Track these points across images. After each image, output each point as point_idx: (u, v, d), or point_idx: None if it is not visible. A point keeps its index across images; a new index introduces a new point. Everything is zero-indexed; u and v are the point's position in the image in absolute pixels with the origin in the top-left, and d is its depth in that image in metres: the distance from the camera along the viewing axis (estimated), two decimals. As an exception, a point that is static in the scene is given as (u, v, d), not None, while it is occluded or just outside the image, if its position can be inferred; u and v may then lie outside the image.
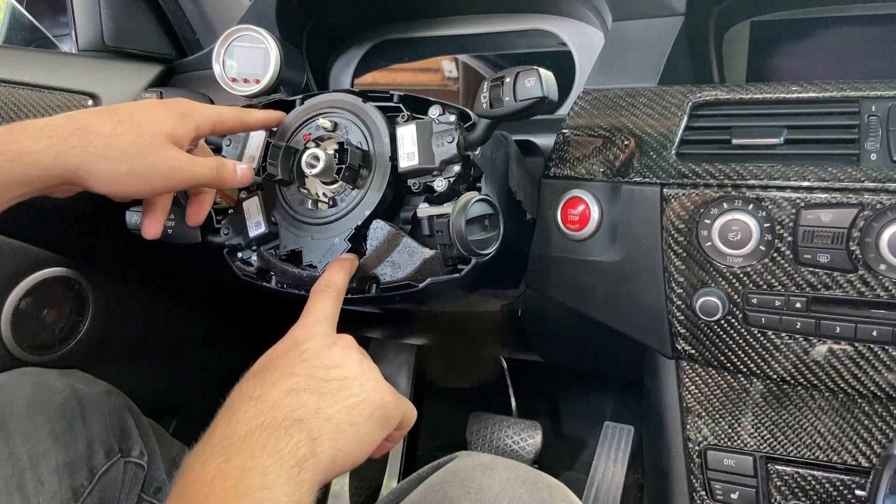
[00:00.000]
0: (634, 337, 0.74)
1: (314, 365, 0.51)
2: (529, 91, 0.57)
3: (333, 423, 0.47)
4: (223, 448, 0.44)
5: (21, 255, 0.92)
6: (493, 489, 0.58)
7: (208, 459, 0.43)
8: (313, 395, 0.48)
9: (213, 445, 0.44)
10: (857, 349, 0.63)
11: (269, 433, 0.44)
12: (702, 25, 0.85)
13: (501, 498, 0.57)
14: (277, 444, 0.44)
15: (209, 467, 0.42)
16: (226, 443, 0.44)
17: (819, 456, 0.69)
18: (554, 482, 0.62)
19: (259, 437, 0.44)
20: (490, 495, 0.57)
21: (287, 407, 0.47)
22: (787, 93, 0.66)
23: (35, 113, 0.92)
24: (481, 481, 0.59)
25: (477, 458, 0.63)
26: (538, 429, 1.26)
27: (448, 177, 0.63)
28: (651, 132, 0.69)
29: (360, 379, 0.51)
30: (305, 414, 0.46)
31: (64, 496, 0.69)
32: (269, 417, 0.45)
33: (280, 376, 0.49)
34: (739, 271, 0.65)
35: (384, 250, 0.64)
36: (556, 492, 0.61)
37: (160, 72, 1.09)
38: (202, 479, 0.42)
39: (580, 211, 0.70)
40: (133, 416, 0.82)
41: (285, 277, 0.68)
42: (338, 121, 0.67)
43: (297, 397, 0.47)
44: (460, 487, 0.59)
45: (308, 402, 0.47)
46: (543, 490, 0.60)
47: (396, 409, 0.53)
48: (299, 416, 0.46)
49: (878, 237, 0.59)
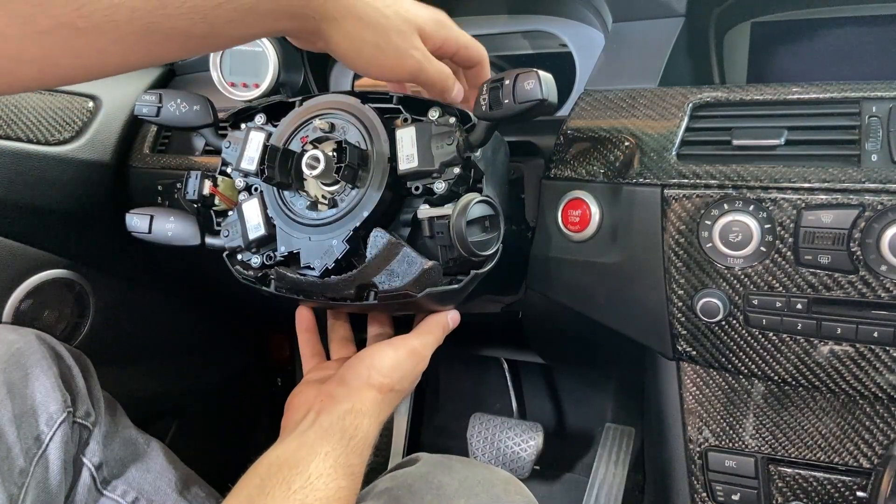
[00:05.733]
0: (635, 338, 0.74)
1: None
2: (529, 93, 0.57)
3: None
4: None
5: (22, 256, 0.92)
6: (452, 486, 0.63)
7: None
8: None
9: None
10: (858, 350, 0.63)
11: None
12: (702, 26, 0.85)
13: (460, 494, 0.63)
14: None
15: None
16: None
17: (820, 457, 0.68)
18: (508, 477, 0.68)
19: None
20: (450, 491, 0.63)
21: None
22: (787, 94, 0.66)
23: (36, 114, 0.92)
24: (441, 478, 0.64)
25: (436, 458, 0.70)
26: (539, 430, 1.26)
27: (447, 179, 0.63)
28: (652, 133, 0.69)
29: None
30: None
31: (23, 445, 0.70)
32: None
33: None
34: (740, 272, 0.65)
35: (383, 259, 0.63)
36: (511, 486, 0.67)
37: (160, 74, 1.09)
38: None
39: (581, 212, 0.70)
40: (88, 378, 0.82)
41: (283, 282, 0.68)
42: (335, 122, 0.67)
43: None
44: (423, 483, 0.64)
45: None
46: (498, 486, 0.66)
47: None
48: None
49: (878, 238, 0.59)
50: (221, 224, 0.73)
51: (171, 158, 0.97)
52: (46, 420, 0.73)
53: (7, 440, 0.69)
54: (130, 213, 0.75)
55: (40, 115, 0.92)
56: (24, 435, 0.70)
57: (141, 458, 0.83)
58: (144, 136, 1.01)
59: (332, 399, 0.61)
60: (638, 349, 0.77)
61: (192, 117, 0.76)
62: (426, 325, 0.69)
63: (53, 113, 0.94)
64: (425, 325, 0.69)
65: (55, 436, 0.73)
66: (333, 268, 0.65)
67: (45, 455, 0.72)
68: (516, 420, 1.29)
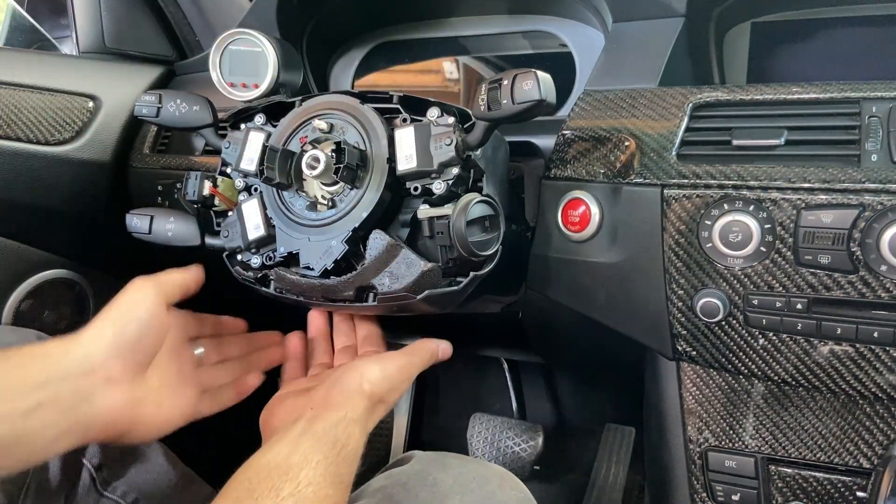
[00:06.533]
0: (635, 338, 0.74)
1: None
2: (527, 94, 0.57)
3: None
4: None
5: (22, 256, 0.93)
6: (446, 483, 0.64)
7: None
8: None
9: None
10: (858, 350, 0.63)
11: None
12: (702, 26, 0.85)
13: (455, 491, 0.63)
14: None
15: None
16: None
17: (820, 457, 0.68)
18: (503, 472, 0.69)
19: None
20: (445, 487, 0.63)
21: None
22: (787, 94, 0.66)
23: (36, 114, 0.92)
24: (436, 475, 0.65)
25: (431, 455, 0.70)
26: (539, 430, 1.26)
27: (446, 179, 0.63)
28: (651, 133, 0.69)
29: None
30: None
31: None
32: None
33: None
34: (740, 272, 0.65)
35: (382, 261, 0.63)
36: (506, 481, 0.67)
37: (161, 74, 1.09)
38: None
39: (581, 212, 0.70)
40: None
41: (283, 283, 0.68)
42: (334, 122, 0.67)
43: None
44: (418, 480, 0.64)
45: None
46: (493, 482, 0.66)
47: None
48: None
49: (878, 238, 0.59)
50: (221, 224, 0.73)
51: (171, 159, 0.97)
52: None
53: None
54: (130, 213, 0.76)
55: (40, 115, 0.92)
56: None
57: (141, 459, 0.83)
58: (144, 137, 1.01)
59: (327, 406, 0.61)
60: (638, 349, 0.77)
61: (191, 117, 0.76)
62: (417, 348, 0.70)
63: (53, 113, 0.94)
64: (416, 348, 0.70)
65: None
66: (333, 268, 0.65)
67: None
68: (516, 420, 1.29)
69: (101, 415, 0.56)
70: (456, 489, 0.63)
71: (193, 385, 0.67)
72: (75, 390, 0.55)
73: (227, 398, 0.71)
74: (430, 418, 1.48)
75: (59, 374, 0.55)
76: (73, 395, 0.55)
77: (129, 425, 0.59)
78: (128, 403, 0.58)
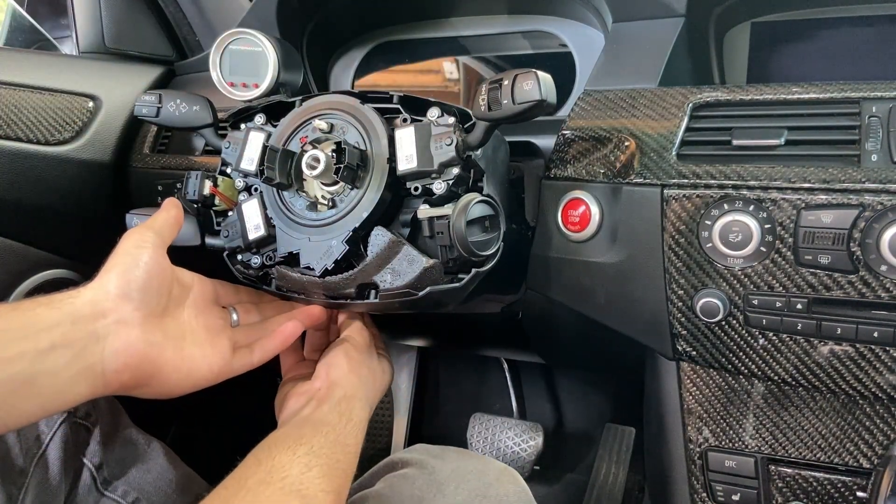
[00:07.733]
0: (635, 338, 0.74)
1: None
2: (527, 94, 0.57)
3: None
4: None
5: (22, 256, 0.93)
6: (444, 472, 0.66)
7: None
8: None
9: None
10: (858, 350, 0.63)
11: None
12: (702, 26, 0.85)
13: (451, 480, 0.65)
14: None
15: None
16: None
17: (820, 457, 0.68)
18: (503, 467, 0.70)
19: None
20: (442, 476, 0.66)
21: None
22: (787, 94, 0.66)
23: (36, 114, 0.92)
24: (434, 464, 0.68)
25: (432, 448, 0.73)
26: (539, 430, 1.26)
27: (447, 179, 0.63)
28: (651, 133, 0.69)
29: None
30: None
31: (23, 445, 0.70)
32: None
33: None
34: (740, 272, 0.65)
35: (384, 258, 0.63)
36: (504, 476, 0.69)
37: (161, 73, 1.10)
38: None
39: (581, 212, 0.70)
40: None
41: (285, 281, 0.68)
42: (334, 122, 0.67)
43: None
44: (416, 468, 0.67)
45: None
46: (491, 475, 0.68)
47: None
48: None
49: (878, 238, 0.59)
50: (221, 224, 0.73)
51: (171, 158, 0.97)
52: (46, 420, 0.73)
53: (7, 440, 0.69)
54: (130, 213, 0.75)
55: (40, 115, 0.92)
56: (23, 435, 0.70)
57: (141, 459, 0.83)
58: (144, 137, 1.01)
59: (331, 388, 0.66)
60: (638, 349, 0.77)
61: (191, 117, 0.76)
62: (348, 329, 0.73)
63: (53, 113, 0.94)
64: (347, 330, 0.73)
65: (55, 436, 0.73)
66: (333, 268, 0.65)
67: (44, 455, 0.72)
68: (516, 420, 1.29)
69: (115, 358, 0.56)
70: (453, 478, 0.65)
71: (224, 341, 0.65)
72: (87, 332, 0.55)
73: (268, 348, 0.69)
74: (430, 418, 1.48)
75: (69, 318, 0.55)
76: (86, 336, 0.55)
77: (148, 373, 0.58)
78: (142, 346, 0.57)
